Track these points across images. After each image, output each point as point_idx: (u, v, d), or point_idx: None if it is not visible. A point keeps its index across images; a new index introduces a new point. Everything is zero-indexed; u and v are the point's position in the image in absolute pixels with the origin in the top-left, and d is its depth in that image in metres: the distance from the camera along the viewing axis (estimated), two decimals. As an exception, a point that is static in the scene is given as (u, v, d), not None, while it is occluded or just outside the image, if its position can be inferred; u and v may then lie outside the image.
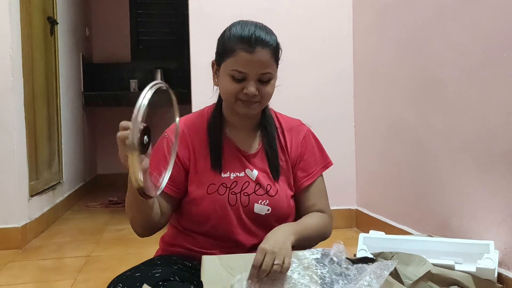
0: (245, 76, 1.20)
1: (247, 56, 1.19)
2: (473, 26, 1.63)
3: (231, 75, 1.21)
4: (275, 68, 1.25)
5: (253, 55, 1.19)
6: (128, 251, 2.27)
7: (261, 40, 1.20)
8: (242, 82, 1.21)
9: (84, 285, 1.80)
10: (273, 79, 1.25)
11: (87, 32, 4.42)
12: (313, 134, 1.39)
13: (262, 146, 1.32)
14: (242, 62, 1.19)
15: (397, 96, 2.18)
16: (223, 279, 1.09)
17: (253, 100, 1.22)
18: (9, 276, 1.95)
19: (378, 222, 2.34)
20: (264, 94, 1.24)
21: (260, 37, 1.20)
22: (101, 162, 4.69)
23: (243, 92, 1.21)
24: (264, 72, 1.21)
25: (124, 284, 1.13)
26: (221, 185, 1.26)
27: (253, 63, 1.19)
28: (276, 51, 1.25)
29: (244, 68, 1.19)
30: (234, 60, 1.20)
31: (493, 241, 1.49)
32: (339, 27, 2.60)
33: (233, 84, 1.21)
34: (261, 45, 1.20)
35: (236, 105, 1.24)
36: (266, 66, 1.21)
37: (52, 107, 3.13)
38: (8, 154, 2.36)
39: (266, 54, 1.20)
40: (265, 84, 1.23)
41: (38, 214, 2.64)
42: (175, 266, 1.21)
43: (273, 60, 1.23)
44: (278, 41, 1.27)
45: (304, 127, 1.38)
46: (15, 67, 2.39)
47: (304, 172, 1.34)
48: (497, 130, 1.52)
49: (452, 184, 1.77)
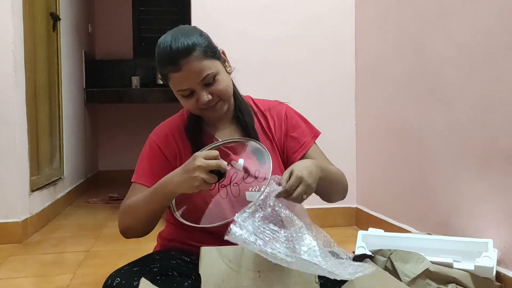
0: (191, 89, 1.20)
1: (178, 76, 1.18)
2: (475, 25, 1.63)
3: (180, 95, 1.22)
4: (213, 64, 1.20)
5: (182, 72, 1.17)
6: (128, 246, 2.28)
7: (180, 52, 1.16)
8: (193, 95, 1.21)
9: (83, 279, 1.81)
10: (219, 74, 1.22)
11: (89, 28, 4.43)
12: (293, 110, 1.40)
13: (242, 135, 1.32)
14: (178, 82, 1.19)
15: (399, 94, 2.18)
16: (221, 271, 1.09)
17: (213, 103, 1.22)
18: (9, 270, 1.96)
19: (378, 221, 2.34)
20: (218, 92, 1.22)
21: (177, 49, 1.17)
22: (102, 158, 4.70)
23: (200, 103, 1.21)
24: (202, 77, 1.18)
25: (122, 278, 1.13)
26: None
27: (187, 77, 1.17)
28: (204, 49, 1.19)
29: (184, 86, 1.19)
30: (172, 83, 1.21)
31: (492, 240, 1.50)
32: (341, 25, 2.60)
33: (187, 101, 1.22)
34: (182, 57, 1.16)
35: (204, 114, 1.26)
36: (200, 71, 1.18)
37: (54, 103, 3.14)
38: (10, 149, 2.37)
39: (192, 62, 1.17)
40: (212, 84, 1.21)
41: (39, 209, 2.65)
42: (173, 261, 1.21)
43: (205, 60, 1.18)
44: (203, 34, 1.23)
45: (283, 105, 1.39)
46: (17, 62, 2.40)
47: (295, 146, 1.34)
48: (498, 129, 1.52)
49: (452, 182, 1.77)
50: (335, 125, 2.58)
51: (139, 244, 2.25)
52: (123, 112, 4.66)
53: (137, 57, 4.74)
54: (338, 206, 2.58)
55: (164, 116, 1.45)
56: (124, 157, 4.55)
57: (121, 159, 4.58)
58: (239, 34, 2.46)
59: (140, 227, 1.26)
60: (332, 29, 2.59)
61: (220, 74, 1.23)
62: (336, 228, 2.54)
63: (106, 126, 4.69)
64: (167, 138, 1.31)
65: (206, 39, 1.23)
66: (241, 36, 2.47)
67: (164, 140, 1.31)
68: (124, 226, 1.27)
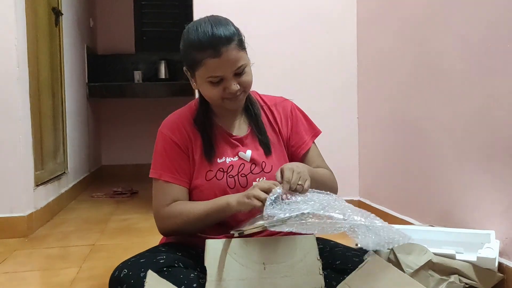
0: (222, 78, 1.22)
1: (216, 62, 1.20)
2: (477, 17, 1.63)
3: (208, 82, 1.24)
4: (245, 56, 1.27)
5: (221, 58, 1.20)
6: (133, 240, 2.30)
7: (222, 39, 1.20)
8: (221, 83, 1.23)
9: (89, 273, 1.83)
10: (248, 66, 1.27)
11: (91, 23, 4.43)
12: (298, 107, 1.45)
13: (252, 128, 1.36)
14: (214, 68, 1.21)
15: (401, 87, 2.18)
16: (227, 263, 1.11)
17: (238, 94, 1.25)
18: (15, 264, 1.98)
19: (380, 213, 2.35)
20: (245, 84, 1.26)
21: (220, 36, 1.20)
22: (106, 153, 4.71)
23: (226, 92, 1.24)
24: (237, 67, 1.23)
25: (129, 269, 1.15)
26: (218, 170, 1.30)
27: (224, 64, 1.21)
28: (240, 41, 1.25)
29: (218, 73, 1.22)
30: (205, 69, 1.22)
31: (494, 231, 1.51)
32: (343, 18, 2.59)
33: (214, 89, 1.24)
34: (224, 45, 1.20)
35: (224, 104, 1.27)
36: (237, 61, 1.22)
37: (57, 97, 3.15)
38: (14, 143, 2.38)
39: (232, 50, 1.21)
40: (242, 75, 1.25)
41: (44, 204, 2.67)
42: (179, 253, 1.23)
43: (241, 51, 1.24)
44: (235, 26, 1.27)
45: (288, 101, 1.44)
46: (20, 57, 2.41)
47: (297, 143, 1.40)
48: (500, 121, 1.53)
49: (454, 174, 1.78)
50: (337, 118, 2.59)
51: (143, 238, 2.29)
52: (126, 106, 4.67)
53: (139, 51, 4.74)
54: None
55: (167, 110, 1.46)
56: (127, 152, 4.57)
57: (124, 154, 4.59)
58: (241, 27, 2.45)
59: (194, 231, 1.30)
60: (334, 22, 2.59)
61: (248, 66, 1.28)
62: (339, 220, 2.55)
63: (109, 120, 4.70)
64: (179, 130, 1.33)
65: (240, 32, 1.27)
66: (243, 29, 2.46)
67: (178, 133, 1.32)
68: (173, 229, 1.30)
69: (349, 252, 1.27)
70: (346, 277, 1.13)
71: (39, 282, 1.81)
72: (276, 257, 1.14)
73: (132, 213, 2.89)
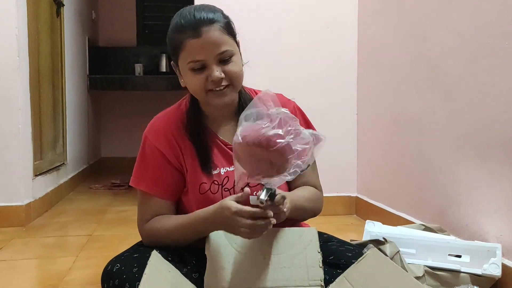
0: (204, 64, 1.12)
1: (195, 42, 1.10)
2: (476, 14, 1.64)
3: (190, 69, 1.13)
4: (232, 44, 1.16)
5: (200, 38, 1.10)
6: (130, 231, 2.31)
7: (204, 20, 1.11)
8: (203, 71, 1.13)
9: (86, 262, 1.84)
10: (235, 55, 1.15)
11: (93, 15, 4.43)
12: (300, 109, 1.35)
13: None
14: (194, 50, 1.11)
15: (400, 84, 2.18)
16: (228, 254, 1.12)
17: (222, 85, 1.14)
18: (13, 252, 1.99)
19: (377, 210, 2.36)
20: (231, 74, 1.14)
21: (201, 17, 1.11)
22: (105, 145, 4.72)
23: (209, 80, 1.13)
24: (220, 51, 1.12)
25: (122, 264, 1.14)
26: (212, 183, 1.21)
27: (205, 46, 1.10)
28: (226, 25, 1.15)
29: (198, 56, 1.11)
30: (186, 53, 1.12)
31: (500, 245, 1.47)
32: (344, 14, 2.59)
33: (195, 77, 1.13)
34: (205, 25, 1.10)
35: (209, 98, 1.16)
36: (219, 44, 1.11)
37: (57, 88, 3.15)
38: (14, 133, 2.39)
39: (214, 31, 1.11)
40: (228, 63, 1.13)
41: (42, 194, 2.68)
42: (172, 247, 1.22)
43: (226, 35, 1.13)
44: (225, 15, 1.18)
45: (290, 103, 1.32)
46: (21, 47, 2.41)
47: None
48: (497, 119, 1.53)
49: (451, 172, 1.79)
50: (336, 114, 2.59)
51: (140, 229, 2.30)
52: (126, 99, 4.68)
53: (141, 44, 4.75)
54: (338, 195, 2.61)
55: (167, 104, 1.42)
56: (126, 144, 4.58)
57: (123, 146, 4.60)
58: (241, 22, 2.43)
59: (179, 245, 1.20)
60: (335, 17, 2.59)
61: (237, 56, 1.16)
62: (336, 216, 2.57)
63: (109, 113, 4.71)
64: (166, 138, 1.22)
65: (229, 19, 1.18)
66: (243, 24, 2.44)
67: (164, 141, 1.22)
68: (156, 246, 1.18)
69: (343, 247, 1.23)
70: (339, 271, 1.13)
71: (36, 270, 1.82)
72: (277, 249, 1.15)
73: (129, 205, 2.90)
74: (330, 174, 1.78)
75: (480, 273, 1.43)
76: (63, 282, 1.64)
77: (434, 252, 1.49)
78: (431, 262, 1.48)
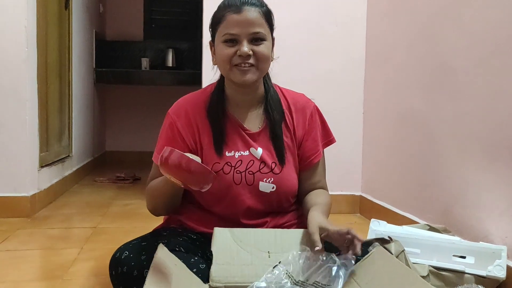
0: (236, 38, 1.21)
1: (235, 17, 1.20)
2: (486, 16, 1.63)
3: (223, 41, 1.22)
4: (267, 29, 1.24)
5: (240, 14, 1.20)
6: (134, 224, 2.32)
7: (248, 1, 1.21)
8: (235, 45, 1.21)
9: (90, 254, 1.85)
10: (267, 40, 1.24)
11: (101, 8, 4.43)
12: (319, 111, 1.39)
13: (266, 126, 1.31)
14: (232, 24, 1.20)
15: (408, 83, 2.18)
16: (233, 250, 1.14)
17: (248, 63, 1.21)
18: (17, 242, 2.00)
19: (381, 209, 2.36)
20: (259, 55, 1.22)
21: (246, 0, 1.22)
22: (110, 138, 4.73)
23: (237, 54, 1.21)
24: (255, 31, 1.21)
25: (130, 252, 1.16)
26: (226, 164, 1.26)
27: (242, 22, 1.19)
28: (266, 13, 1.24)
29: (234, 29, 1.20)
30: (224, 25, 1.22)
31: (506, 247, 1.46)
32: (353, 12, 2.59)
33: (226, 49, 1.21)
34: (248, 5, 1.21)
35: (232, 73, 1.23)
36: (256, 24, 1.21)
37: (64, 81, 3.16)
38: (21, 123, 2.40)
39: (254, 12, 1.21)
40: (258, 44, 1.22)
41: (47, 185, 2.69)
42: (181, 237, 1.23)
43: (264, 20, 1.23)
44: (269, 8, 1.27)
45: (311, 104, 1.38)
46: (29, 38, 2.42)
47: (311, 150, 1.35)
48: (505, 120, 1.53)
49: (457, 172, 1.78)
50: (343, 112, 2.59)
51: (145, 223, 2.30)
52: (132, 93, 4.68)
53: (147, 39, 4.75)
54: (342, 193, 2.60)
55: (172, 98, 1.43)
56: (131, 139, 4.59)
57: (128, 140, 4.61)
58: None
59: (162, 206, 1.31)
60: (344, 16, 2.58)
61: (269, 42, 1.24)
62: (340, 215, 2.57)
63: (115, 106, 4.71)
64: (186, 115, 1.29)
65: (271, 12, 1.27)
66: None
67: (183, 118, 1.29)
68: (150, 207, 1.33)
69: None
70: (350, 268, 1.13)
71: (41, 261, 1.83)
72: (281, 247, 1.16)
73: (134, 199, 2.91)
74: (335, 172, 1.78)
75: (484, 275, 1.42)
76: (67, 273, 1.65)
77: (439, 252, 1.49)
78: (435, 262, 1.48)
